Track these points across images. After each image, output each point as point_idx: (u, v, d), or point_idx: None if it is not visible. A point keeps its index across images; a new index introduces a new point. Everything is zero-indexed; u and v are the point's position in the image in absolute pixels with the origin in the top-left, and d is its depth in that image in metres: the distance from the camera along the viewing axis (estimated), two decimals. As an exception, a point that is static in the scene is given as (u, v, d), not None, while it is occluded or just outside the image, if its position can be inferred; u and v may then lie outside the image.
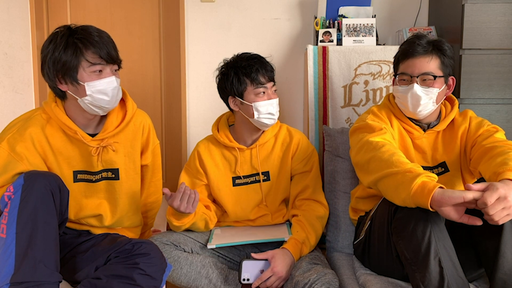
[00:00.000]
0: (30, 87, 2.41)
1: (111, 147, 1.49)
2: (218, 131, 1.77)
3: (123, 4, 2.53)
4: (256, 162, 1.74)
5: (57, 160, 1.44)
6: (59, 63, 1.35)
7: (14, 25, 2.29)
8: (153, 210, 1.76)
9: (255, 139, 1.75)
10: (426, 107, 1.53)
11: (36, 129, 1.42)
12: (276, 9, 2.42)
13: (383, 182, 1.34)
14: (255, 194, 1.75)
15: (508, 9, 1.87)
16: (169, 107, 2.60)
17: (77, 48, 1.35)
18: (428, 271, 1.20)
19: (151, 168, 1.66)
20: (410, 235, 1.25)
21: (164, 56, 2.56)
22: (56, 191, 1.29)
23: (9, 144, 1.38)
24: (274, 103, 1.67)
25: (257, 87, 1.65)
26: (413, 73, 1.52)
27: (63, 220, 1.37)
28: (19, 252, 1.20)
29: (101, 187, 1.52)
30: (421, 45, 1.52)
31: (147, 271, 1.32)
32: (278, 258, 1.52)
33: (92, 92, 1.37)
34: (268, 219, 1.76)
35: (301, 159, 1.75)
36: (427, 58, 1.51)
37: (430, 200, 1.18)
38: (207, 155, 1.75)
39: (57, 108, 1.43)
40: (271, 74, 1.69)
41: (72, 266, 1.42)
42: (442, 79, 1.53)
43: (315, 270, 1.45)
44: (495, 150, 1.39)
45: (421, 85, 1.51)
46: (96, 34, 1.38)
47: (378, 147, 1.42)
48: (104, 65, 1.38)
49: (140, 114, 1.59)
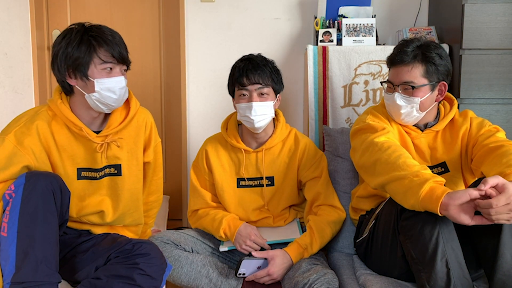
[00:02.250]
0: (30, 87, 2.41)
1: (115, 143, 1.50)
2: (226, 130, 1.77)
3: (123, 4, 2.53)
4: (261, 166, 1.73)
5: (60, 157, 1.45)
6: (71, 58, 1.38)
7: (14, 25, 2.29)
8: (153, 209, 1.76)
9: (260, 141, 1.74)
10: (409, 115, 1.54)
11: (43, 124, 1.43)
12: (276, 9, 2.42)
13: (391, 187, 1.34)
14: (257, 198, 1.75)
15: (508, 9, 1.87)
16: (169, 107, 2.60)
17: (90, 45, 1.38)
18: (435, 271, 1.21)
19: (153, 166, 1.67)
20: (418, 234, 1.25)
21: (164, 56, 2.56)
22: (57, 192, 1.29)
23: (16, 137, 1.38)
24: (253, 106, 1.61)
25: (239, 89, 1.66)
26: (394, 81, 1.53)
27: (64, 221, 1.37)
28: (20, 252, 1.21)
29: (103, 183, 1.53)
30: (405, 53, 1.50)
31: (147, 271, 1.32)
32: (277, 260, 1.53)
33: (100, 89, 1.39)
34: (270, 222, 1.76)
35: (310, 166, 1.74)
36: (408, 67, 1.50)
37: (439, 207, 1.18)
38: (214, 155, 1.75)
39: (62, 105, 1.44)
40: (261, 78, 1.63)
41: (72, 266, 1.42)
42: (426, 87, 1.51)
43: (314, 270, 1.45)
44: (499, 150, 1.38)
45: (403, 93, 1.52)
46: (109, 34, 1.41)
47: (384, 148, 1.41)
48: (115, 64, 1.41)
49: (143, 111, 1.61)
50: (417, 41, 1.53)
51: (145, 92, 2.56)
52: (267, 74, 1.65)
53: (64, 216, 1.35)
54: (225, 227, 1.65)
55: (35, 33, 2.41)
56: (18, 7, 2.32)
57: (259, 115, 1.63)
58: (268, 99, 1.66)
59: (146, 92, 2.56)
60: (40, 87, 2.46)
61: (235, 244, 1.63)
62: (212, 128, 2.45)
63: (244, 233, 1.63)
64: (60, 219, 1.33)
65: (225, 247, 1.65)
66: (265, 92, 1.65)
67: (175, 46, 2.51)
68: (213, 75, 2.48)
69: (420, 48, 1.51)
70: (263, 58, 1.70)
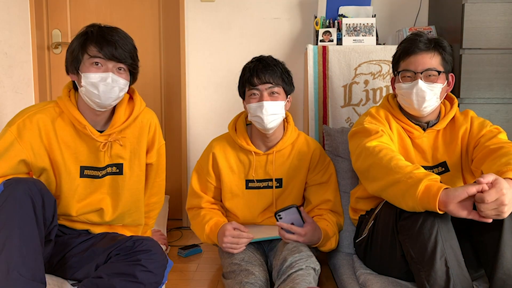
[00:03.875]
0: (30, 87, 2.41)
1: (118, 141, 1.51)
2: (236, 131, 1.76)
3: (123, 4, 2.53)
4: (271, 168, 1.73)
5: (62, 154, 1.45)
6: (70, 52, 1.43)
7: (14, 25, 2.29)
8: (155, 211, 1.76)
9: (270, 144, 1.74)
10: (430, 103, 1.53)
11: (45, 119, 1.43)
12: (276, 9, 2.42)
13: (388, 193, 1.35)
14: (265, 199, 1.75)
15: (508, 9, 1.87)
16: (169, 107, 2.60)
17: (84, 41, 1.40)
18: (434, 270, 1.21)
19: (156, 167, 1.67)
20: (416, 234, 1.25)
21: (164, 56, 2.56)
22: (37, 198, 1.24)
23: (18, 129, 1.40)
24: (264, 105, 1.61)
25: (249, 89, 1.65)
26: (416, 69, 1.52)
27: (53, 227, 1.32)
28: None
29: (105, 182, 1.53)
30: (423, 42, 1.53)
31: (149, 267, 1.32)
32: (312, 229, 1.57)
33: (86, 83, 1.40)
34: (274, 221, 1.75)
35: (319, 170, 1.76)
36: (430, 54, 1.52)
37: (438, 204, 1.19)
38: (222, 158, 1.74)
39: (69, 102, 1.45)
40: (272, 77, 1.63)
41: (72, 265, 1.41)
42: (444, 75, 1.54)
43: (298, 250, 1.49)
44: (500, 150, 1.39)
45: (425, 81, 1.52)
46: (110, 33, 1.41)
47: (375, 152, 1.42)
48: (103, 60, 1.40)
49: (148, 112, 1.61)
50: (425, 35, 1.56)
51: (145, 92, 2.56)
52: (278, 74, 1.65)
53: (50, 221, 1.30)
54: (208, 232, 1.67)
55: (35, 33, 2.41)
56: (18, 7, 2.32)
57: (270, 115, 1.62)
58: (279, 99, 1.65)
59: (146, 92, 2.56)
60: (40, 87, 2.46)
61: (220, 245, 1.64)
62: (212, 128, 2.45)
63: (220, 232, 1.63)
64: (46, 224, 1.28)
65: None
66: (276, 91, 1.64)
67: (175, 46, 2.51)
68: (213, 75, 2.48)
69: (433, 39, 1.54)
70: (274, 59, 1.70)
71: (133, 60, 1.46)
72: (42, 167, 1.44)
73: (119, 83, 1.43)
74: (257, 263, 1.54)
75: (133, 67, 1.48)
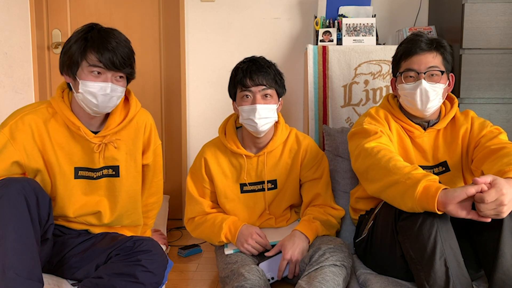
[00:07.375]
0: (30, 87, 2.42)
1: (113, 144, 1.49)
2: (225, 135, 1.73)
3: (123, 4, 2.53)
4: (263, 170, 1.71)
5: (56, 155, 1.44)
6: (67, 54, 1.39)
7: (14, 25, 2.29)
8: (153, 211, 1.76)
9: (261, 145, 1.72)
10: (434, 103, 1.53)
11: (37, 120, 1.42)
12: (276, 9, 2.42)
13: (387, 194, 1.35)
14: (261, 202, 1.74)
15: (508, 9, 1.87)
16: (169, 107, 2.60)
17: (84, 47, 1.37)
18: (434, 270, 1.21)
19: (152, 168, 1.66)
20: (416, 234, 1.25)
21: (164, 56, 2.56)
22: (32, 197, 1.24)
23: (11, 131, 1.39)
24: (257, 109, 1.58)
25: (242, 90, 1.62)
26: (419, 69, 1.52)
27: (48, 226, 1.32)
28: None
29: (101, 184, 1.52)
30: (424, 42, 1.53)
31: (149, 267, 1.31)
32: (286, 244, 1.54)
33: (83, 91, 1.38)
34: (272, 223, 1.76)
35: (311, 166, 1.73)
36: (432, 54, 1.52)
37: (436, 204, 1.19)
38: (214, 163, 1.72)
39: (63, 103, 1.44)
40: (265, 79, 1.60)
41: (72, 265, 1.41)
42: (445, 75, 1.54)
43: (333, 242, 1.51)
44: (502, 151, 1.39)
45: (428, 81, 1.51)
46: (110, 39, 1.38)
47: (374, 153, 1.42)
48: (104, 69, 1.38)
49: (143, 113, 1.60)
50: (425, 35, 1.56)
51: (145, 92, 2.56)
52: (271, 76, 1.62)
53: (46, 220, 1.30)
54: (226, 231, 1.64)
55: (35, 33, 2.41)
56: (18, 7, 2.32)
57: (263, 118, 1.60)
58: (271, 102, 1.63)
59: (146, 92, 2.56)
60: (40, 86, 2.46)
61: (237, 244, 1.62)
62: (212, 128, 2.45)
63: (246, 232, 1.62)
64: (42, 223, 1.28)
65: (230, 250, 1.63)
66: (269, 93, 1.62)
67: (175, 46, 2.51)
68: (213, 75, 2.48)
69: (433, 39, 1.55)
70: (267, 60, 1.67)
71: (131, 68, 1.45)
72: (36, 169, 1.43)
73: (117, 91, 1.42)
74: (253, 269, 1.50)
75: (130, 74, 1.47)
